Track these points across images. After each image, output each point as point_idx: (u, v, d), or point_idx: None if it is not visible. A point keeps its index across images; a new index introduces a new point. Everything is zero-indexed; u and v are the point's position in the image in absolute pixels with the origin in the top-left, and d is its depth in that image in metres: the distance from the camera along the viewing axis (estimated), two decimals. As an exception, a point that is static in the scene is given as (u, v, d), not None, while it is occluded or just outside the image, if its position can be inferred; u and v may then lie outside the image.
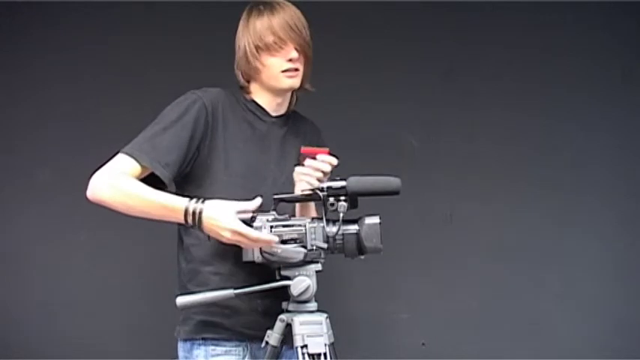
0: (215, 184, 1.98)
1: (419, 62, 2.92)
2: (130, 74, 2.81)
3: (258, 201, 1.86)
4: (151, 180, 1.94)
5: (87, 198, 1.92)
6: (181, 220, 1.86)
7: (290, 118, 2.14)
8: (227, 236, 1.83)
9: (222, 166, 1.99)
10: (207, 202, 1.85)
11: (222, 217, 1.83)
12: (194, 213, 1.84)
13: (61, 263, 2.77)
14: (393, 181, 1.86)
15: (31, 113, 2.79)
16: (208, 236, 1.88)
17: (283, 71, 2.01)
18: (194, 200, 1.86)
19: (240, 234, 1.82)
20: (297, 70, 2.02)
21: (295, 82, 2.03)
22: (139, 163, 1.91)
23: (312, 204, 2.08)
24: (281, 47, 1.99)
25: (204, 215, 1.84)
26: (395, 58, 2.92)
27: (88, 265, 2.77)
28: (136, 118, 2.01)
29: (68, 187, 2.76)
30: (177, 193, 2.03)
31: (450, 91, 2.91)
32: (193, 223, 1.85)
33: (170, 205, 1.87)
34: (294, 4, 2.06)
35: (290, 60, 2.00)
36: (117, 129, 2.72)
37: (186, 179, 2.00)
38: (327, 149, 1.94)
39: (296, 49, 1.99)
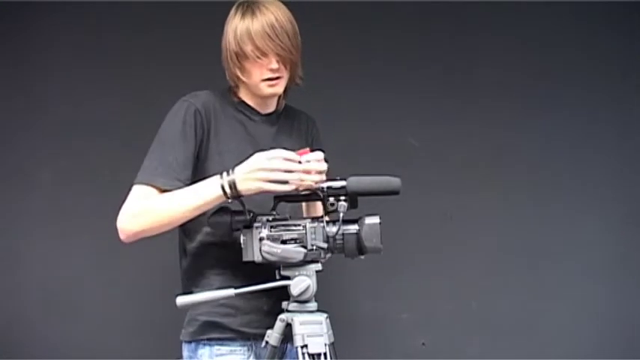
0: None
1: (419, 62, 2.92)
2: (129, 75, 2.80)
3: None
4: None
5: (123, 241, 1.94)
6: (223, 199, 1.84)
7: (281, 114, 2.13)
8: (269, 166, 1.80)
9: (218, 169, 1.98)
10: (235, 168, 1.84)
11: (253, 159, 1.82)
12: (230, 186, 1.82)
13: (62, 263, 2.77)
14: (393, 181, 1.86)
15: (31, 113, 2.79)
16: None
17: (264, 80, 1.99)
18: (223, 176, 1.84)
19: (279, 156, 1.80)
20: (278, 78, 1.99)
21: (277, 89, 2.01)
22: (159, 188, 1.90)
23: (318, 203, 2.07)
24: (260, 58, 1.95)
25: (237, 177, 1.82)
26: (395, 58, 2.91)
27: (88, 265, 2.77)
28: (136, 119, 2.02)
29: (68, 187, 2.77)
30: None
31: (450, 91, 2.91)
32: (234, 194, 1.82)
33: (207, 200, 1.85)
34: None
35: (270, 70, 1.97)
36: (116, 129, 2.74)
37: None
38: (307, 149, 1.89)
39: (276, 60, 1.96)
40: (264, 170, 1.81)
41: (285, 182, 1.82)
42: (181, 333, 2.04)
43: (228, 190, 1.83)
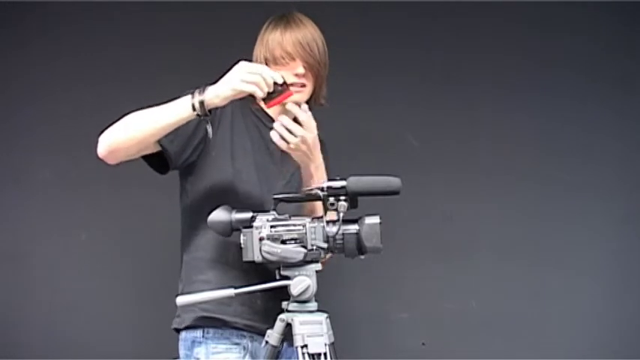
0: (221, 177, 2.01)
1: (419, 61, 2.92)
2: (131, 75, 2.81)
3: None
4: (153, 162, 1.97)
5: (99, 157, 1.93)
6: (194, 116, 1.85)
7: None
8: (238, 76, 1.82)
9: (228, 160, 2.01)
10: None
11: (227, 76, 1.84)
12: (200, 103, 1.83)
13: (61, 263, 2.77)
14: (393, 181, 1.86)
15: (31, 113, 2.79)
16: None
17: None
18: (195, 95, 1.85)
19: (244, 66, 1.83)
20: (303, 85, 2.04)
21: (300, 97, 2.04)
22: None
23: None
24: (288, 62, 2.02)
25: (206, 96, 1.83)
26: (395, 58, 2.91)
27: (88, 265, 2.77)
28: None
29: (68, 187, 2.78)
30: (181, 185, 2.07)
31: (451, 90, 2.91)
32: (203, 111, 1.84)
33: (178, 117, 1.86)
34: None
35: (296, 75, 2.02)
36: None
37: (191, 171, 2.02)
38: (289, 92, 1.89)
39: (304, 66, 2.02)
40: (245, 74, 1.83)
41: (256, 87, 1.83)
42: (174, 321, 2.04)
43: (198, 108, 1.83)
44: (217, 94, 1.84)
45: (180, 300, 1.87)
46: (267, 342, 1.88)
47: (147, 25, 2.84)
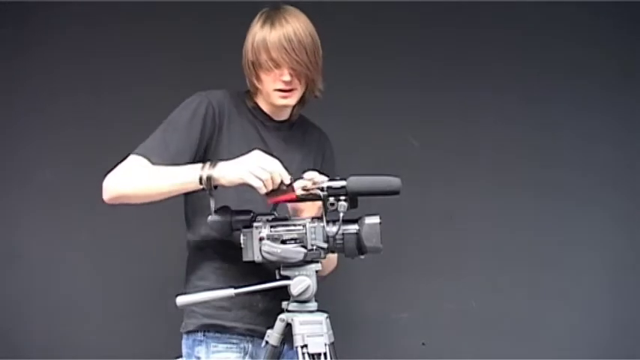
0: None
1: (419, 61, 2.92)
2: (131, 76, 2.80)
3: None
4: None
5: (104, 201, 1.95)
6: (199, 187, 1.87)
7: (295, 123, 2.16)
8: (248, 167, 1.82)
9: None
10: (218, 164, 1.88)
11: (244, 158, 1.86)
12: (208, 178, 1.85)
13: (62, 263, 2.77)
14: (393, 181, 1.86)
15: (31, 113, 2.79)
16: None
17: (275, 90, 2.02)
18: (205, 167, 1.87)
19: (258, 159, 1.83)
20: (291, 90, 2.02)
21: (288, 101, 2.05)
22: (153, 164, 1.92)
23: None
24: (273, 68, 1.99)
25: (214, 172, 1.85)
26: (395, 57, 2.91)
27: (88, 265, 2.77)
28: (137, 120, 2.02)
29: (68, 188, 2.77)
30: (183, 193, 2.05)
31: (451, 90, 2.91)
32: (208, 186, 1.85)
33: (184, 184, 1.89)
34: (295, 5, 2.07)
35: (283, 82, 2.00)
36: (117, 130, 2.74)
37: None
38: (293, 194, 1.87)
39: (290, 73, 1.99)
40: (257, 168, 1.83)
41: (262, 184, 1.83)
42: (181, 325, 2.06)
43: (205, 182, 1.85)
44: (224, 175, 1.85)
45: (180, 300, 1.87)
46: (267, 342, 1.88)
47: (148, 26, 2.84)
